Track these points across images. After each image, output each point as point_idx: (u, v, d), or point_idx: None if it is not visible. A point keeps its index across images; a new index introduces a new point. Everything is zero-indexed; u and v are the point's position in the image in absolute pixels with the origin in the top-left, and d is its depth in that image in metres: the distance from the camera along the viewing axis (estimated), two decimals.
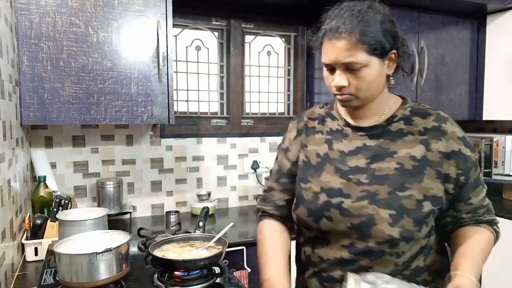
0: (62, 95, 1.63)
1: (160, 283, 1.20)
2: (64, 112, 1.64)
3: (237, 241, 1.78)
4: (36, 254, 1.52)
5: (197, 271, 1.21)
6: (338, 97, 0.98)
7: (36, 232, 1.55)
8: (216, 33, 2.43)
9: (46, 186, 1.74)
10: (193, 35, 2.37)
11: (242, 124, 2.49)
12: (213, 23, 2.40)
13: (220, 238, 1.31)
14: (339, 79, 0.94)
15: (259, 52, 2.54)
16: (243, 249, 1.77)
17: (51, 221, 1.56)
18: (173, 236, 1.38)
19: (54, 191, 1.77)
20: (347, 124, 1.04)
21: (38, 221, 1.56)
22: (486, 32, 2.55)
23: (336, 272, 0.99)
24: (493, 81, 2.54)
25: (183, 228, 1.80)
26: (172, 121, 1.82)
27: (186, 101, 2.38)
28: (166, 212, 2.10)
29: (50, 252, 1.46)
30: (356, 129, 1.02)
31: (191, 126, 2.36)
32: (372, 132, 1.00)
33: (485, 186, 1.02)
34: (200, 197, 2.26)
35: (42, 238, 1.55)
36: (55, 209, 1.55)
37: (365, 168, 0.97)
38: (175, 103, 2.30)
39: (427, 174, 0.94)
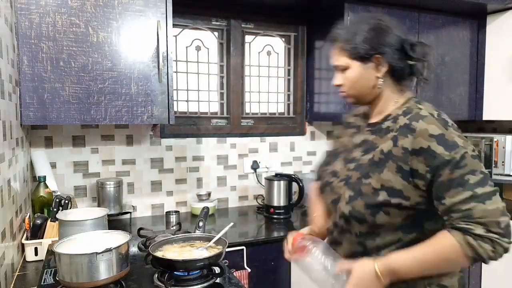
0: (62, 95, 1.63)
1: (160, 283, 1.20)
2: (64, 112, 1.64)
3: (237, 241, 1.78)
4: (36, 254, 1.52)
5: (197, 271, 1.21)
6: (339, 94, 1.20)
7: (36, 232, 1.55)
8: (216, 33, 2.43)
9: (46, 186, 1.74)
10: (193, 35, 2.37)
11: (242, 124, 2.49)
12: (213, 23, 2.40)
13: (220, 238, 1.31)
14: (336, 78, 1.17)
15: (259, 52, 2.54)
16: (243, 249, 1.77)
17: (51, 221, 1.56)
18: (173, 236, 1.38)
19: (54, 191, 1.77)
20: (366, 121, 1.21)
21: (38, 221, 1.56)
22: (486, 32, 2.55)
23: (328, 240, 1.21)
24: (493, 81, 2.54)
25: (183, 228, 1.80)
26: (172, 121, 1.82)
27: (186, 101, 2.39)
28: (166, 212, 2.10)
29: (50, 252, 1.47)
30: (368, 125, 1.18)
31: (191, 126, 2.36)
32: (373, 129, 1.15)
33: (475, 190, 0.94)
34: (200, 197, 2.26)
35: (42, 238, 1.55)
36: (55, 209, 1.55)
37: (357, 158, 1.13)
38: (175, 103, 2.30)
39: (388, 167, 1.03)
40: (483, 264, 2.38)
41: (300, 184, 2.18)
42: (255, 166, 2.47)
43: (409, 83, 1.17)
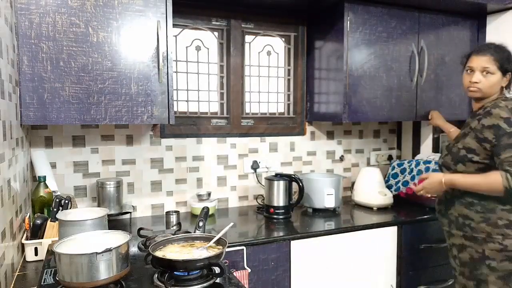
0: (62, 95, 1.63)
1: (160, 283, 1.20)
2: (64, 112, 1.64)
3: (237, 241, 1.78)
4: (36, 254, 1.52)
5: (197, 271, 1.21)
6: (469, 89, 1.71)
7: (36, 232, 1.55)
8: (216, 33, 2.43)
9: (46, 186, 1.74)
10: (193, 35, 2.37)
11: (242, 124, 2.49)
12: (213, 23, 2.40)
13: (220, 238, 1.31)
14: (477, 77, 1.66)
15: (259, 52, 2.54)
16: (243, 249, 1.77)
17: (51, 221, 1.56)
18: (173, 236, 1.38)
19: (54, 191, 1.77)
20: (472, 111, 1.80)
21: (38, 221, 1.56)
22: (486, 32, 2.55)
23: None
24: None
25: (183, 228, 1.80)
26: (172, 121, 1.82)
27: (186, 101, 2.39)
28: (166, 212, 2.10)
29: (50, 252, 1.47)
30: (472, 115, 1.73)
31: (191, 126, 2.36)
32: (472, 116, 1.70)
33: None
34: (200, 197, 2.26)
35: (42, 238, 1.55)
36: (55, 209, 1.55)
37: (459, 134, 1.74)
38: (175, 103, 2.30)
39: (470, 136, 1.63)
40: None
41: (300, 184, 2.18)
42: (255, 166, 2.47)
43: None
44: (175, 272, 1.20)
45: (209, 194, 2.28)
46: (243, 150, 2.46)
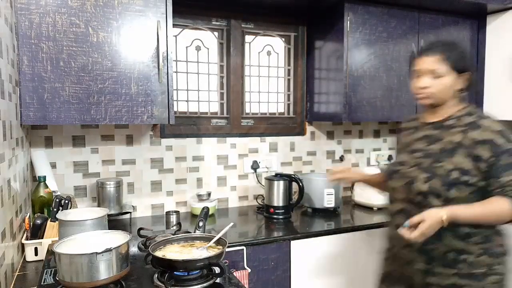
0: (62, 95, 1.63)
1: (160, 283, 1.20)
2: (64, 112, 1.64)
3: (237, 241, 1.78)
4: (36, 254, 1.52)
5: (197, 271, 1.21)
6: (418, 96, 1.44)
7: (36, 232, 1.55)
8: (216, 33, 2.43)
9: (46, 186, 1.74)
10: (193, 35, 2.37)
11: (242, 124, 2.49)
12: (213, 23, 2.40)
13: (220, 238, 1.31)
14: (425, 81, 1.39)
15: (259, 52, 2.54)
16: (243, 249, 1.77)
17: (51, 221, 1.56)
18: (173, 236, 1.38)
19: (54, 191, 1.77)
20: (422, 121, 1.50)
21: (38, 221, 1.56)
22: (486, 32, 2.55)
23: (400, 220, 1.36)
24: (493, 81, 2.54)
25: (183, 228, 1.80)
26: (172, 121, 1.82)
27: (186, 101, 2.39)
28: (166, 212, 2.10)
29: (50, 252, 1.47)
30: (426, 124, 1.47)
31: (191, 126, 2.36)
32: (435, 126, 1.44)
33: None
34: (200, 197, 2.26)
35: (42, 238, 1.55)
36: (55, 209, 1.55)
37: (422, 148, 1.43)
38: (175, 103, 2.30)
39: (459, 153, 1.33)
40: None
41: (300, 184, 2.18)
42: (255, 166, 2.47)
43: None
44: (175, 272, 1.20)
45: (209, 194, 2.28)
46: (243, 150, 2.46)
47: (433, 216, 1.25)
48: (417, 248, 1.37)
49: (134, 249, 1.53)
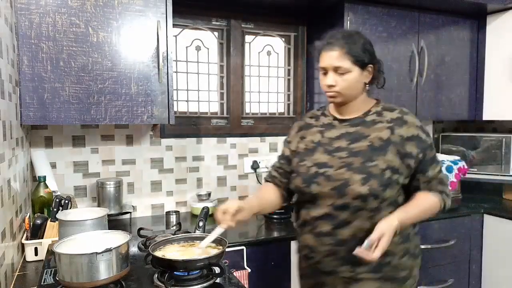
0: (62, 95, 1.63)
1: (160, 283, 1.20)
2: (64, 112, 1.64)
3: (237, 241, 1.78)
4: (36, 254, 1.52)
5: (197, 271, 1.21)
6: (327, 94, 1.34)
7: (36, 232, 1.55)
8: (216, 33, 2.43)
9: (46, 186, 1.74)
10: (193, 35, 2.37)
11: (242, 124, 2.49)
12: (213, 23, 2.40)
13: (220, 238, 1.31)
14: (330, 79, 1.29)
15: (259, 52, 2.54)
16: (243, 249, 1.77)
17: (51, 221, 1.56)
18: (173, 236, 1.38)
19: (54, 191, 1.76)
20: (335, 118, 1.39)
21: (38, 221, 1.56)
22: (486, 32, 2.55)
23: (324, 227, 1.29)
24: (493, 81, 2.54)
25: (183, 228, 1.80)
26: (172, 121, 1.82)
27: (186, 101, 2.38)
28: (166, 212, 2.10)
29: (50, 252, 1.46)
30: (341, 121, 1.37)
31: (191, 126, 2.36)
32: (353, 122, 1.35)
33: (440, 163, 1.35)
34: (200, 197, 2.26)
35: (42, 238, 1.55)
36: (55, 209, 1.55)
37: (345, 147, 1.31)
38: (175, 103, 2.30)
39: (390, 151, 1.27)
40: (482, 264, 2.37)
41: None
42: (255, 166, 2.47)
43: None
44: (175, 272, 1.20)
45: (209, 194, 2.28)
46: (243, 150, 2.46)
47: (390, 227, 1.18)
48: (341, 256, 1.27)
49: (134, 249, 1.53)
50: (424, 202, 1.29)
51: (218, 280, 1.23)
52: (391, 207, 1.28)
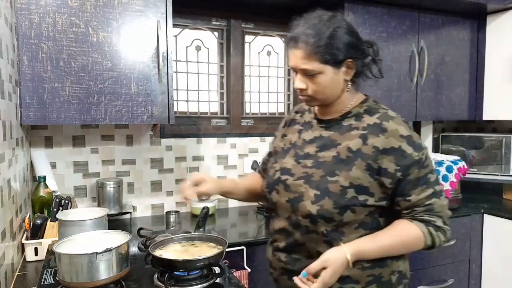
0: (62, 95, 1.63)
1: (160, 283, 1.20)
2: (64, 112, 1.64)
3: (237, 241, 1.78)
4: (36, 254, 1.52)
5: (197, 271, 1.21)
6: (300, 97, 1.14)
7: (36, 232, 1.55)
8: (216, 33, 2.43)
9: (46, 186, 1.74)
10: (193, 35, 2.37)
11: (242, 124, 2.49)
12: (213, 23, 2.40)
13: (220, 238, 1.31)
14: (298, 82, 1.10)
15: (259, 52, 2.54)
16: (243, 249, 1.76)
17: (51, 221, 1.56)
18: (173, 236, 1.38)
19: (54, 191, 1.76)
20: (315, 116, 1.21)
21: (38, 221, 1.56)
22: (486, 32, 2.55)
23: (281, 243, 1.17)
24: (493, 81, 2.54)
25: (183, 228, 1.80)
26: (172, 121, 1.82)
27: (186, 101, 2.38)
28: (166, 212, 2.10)
29: (50, 252, 1.46)
30: (320, 121, 1.18)
31: (191, 126, 2.36)
32: (329, 125, 1.15)
33: (436, 187, 1.06)
34: (200, 197, 2.25)
35: (42, 238, 1.55)
36: (55, 209, 1.55)
37: (313, 155, 1.13)
38: (175, 103, 2.30)
39: (357, 165, 1.04)
40: (482, 264, 2.37)
41: None
42: (255, 166, 2.47)
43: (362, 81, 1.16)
44: (175, 272, 1.20)
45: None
46: (243, 150, 2.46)
47: (337, 260, 1.00)
48: (297, 275, 1.07)
49: (134, 249, 1.53)
50: (401, 233, 1.05)
51: (218, 280, 1.23)
52: (361, 230, 1.07)
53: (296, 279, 1.04)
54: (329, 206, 1.04)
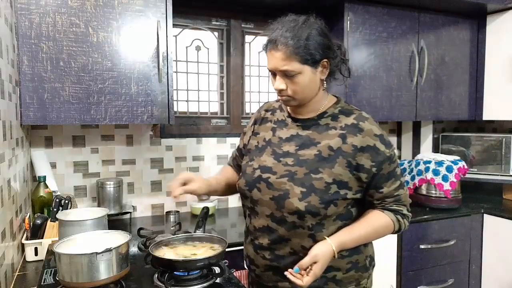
0: (62, 95, 1.63)
1: (160, 283, 1.20)
2: (64, 112, 1.64)
3: (237, 241, 1.77)
4: (36, 254, 1.52)
5: (197, 271, 1.21)
6: (279, 97, 1.20)
7: (36, 232, 1.55)
8: (216, 33, 2.43)
9: (46, 186, 1.74)
10: (193, 35, 2.37)
11: (242, 124, 2.49)
12: (213, 23, 2.40)
13: (220, 238, 1.31)
14: (278, 83, 1.15)
15: (259, 52, 2.54)
16: (243, 249, 1.76)
17: (51, 221, 1.56)
18: (173, 236, 1.38)
19: (54, 191, 1.77)
20: (289, 115, 1.26)
21: (38, 221, 1.56)
22: (486, 32, 2.55)
23: (264, 240, 1.21)
24: (493, 81, 2.54)
25: (183, 228, 1.80)
26: (172, 121, 1.82)
27: (186, 101, 2.39)
28: (166, 212, 2.10)
29: (50, 252, 1.47)
30: (295, 120, 1.24)
31: (191, 126, 2.36)
32: (305, 124, 1.21)
33: (401, 179, 1.20)
34: (200, 197, 2.25)
35: (42, 238, 1.55)
36: (55, 209, 1.55)
37: (293, 153, 1.19)
38: (175, 103, 2.30)
39: (338, 162, 1.13)
40: (482, 264, 2.37)
41: None
42: None
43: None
44: (175, 272, 1.20)
45: None
46: None
47: (325, 254, 1.10)
48: (281, 272, 1.17)
49: (134, 249, 1.53)
50: (374, 222, 1.17)
51: (218, 280, 1.23)
52: (338, 222, 1.16)
53: (288, 275, 1.10)
54: (316, 202, 1.12)
